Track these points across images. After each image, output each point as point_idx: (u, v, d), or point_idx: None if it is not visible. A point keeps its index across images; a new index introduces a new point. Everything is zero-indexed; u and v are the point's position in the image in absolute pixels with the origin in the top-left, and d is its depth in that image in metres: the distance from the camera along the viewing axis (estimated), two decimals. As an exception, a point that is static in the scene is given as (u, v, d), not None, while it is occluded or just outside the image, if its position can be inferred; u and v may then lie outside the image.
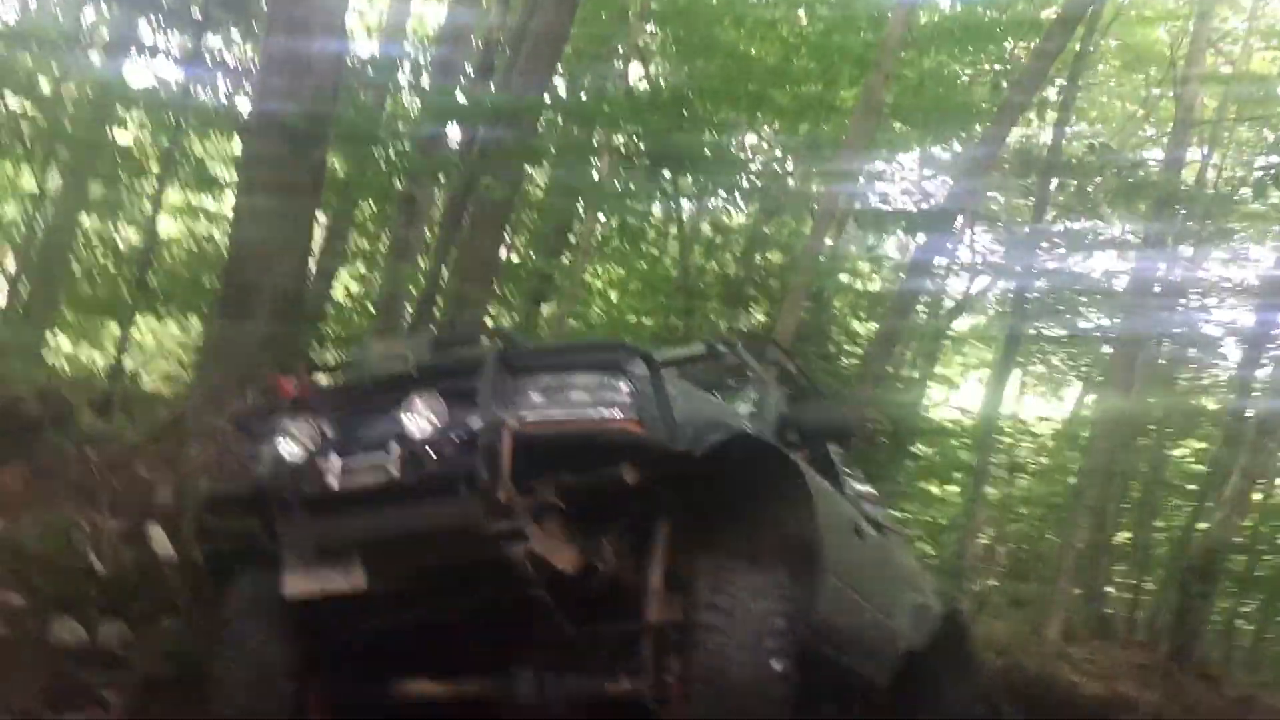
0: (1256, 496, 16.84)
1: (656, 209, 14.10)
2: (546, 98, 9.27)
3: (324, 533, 3.95)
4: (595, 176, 11.98)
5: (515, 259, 13.50)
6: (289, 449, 3.98)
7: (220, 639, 4.52)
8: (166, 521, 5.35)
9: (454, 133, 9.81)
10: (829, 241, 13.29)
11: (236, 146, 10.22)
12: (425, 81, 11.69)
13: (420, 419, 3.76)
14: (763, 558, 4.37)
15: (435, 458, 3.72)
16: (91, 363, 11.95)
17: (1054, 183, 15.87)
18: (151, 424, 6.36)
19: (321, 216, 8.80)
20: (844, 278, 14.63)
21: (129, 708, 4.72)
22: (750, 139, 15.16)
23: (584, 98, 12.03)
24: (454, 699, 4.61)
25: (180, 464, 5.68)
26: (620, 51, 13.33)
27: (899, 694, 5.90)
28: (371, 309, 10.78)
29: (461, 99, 9.64)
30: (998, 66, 15.52)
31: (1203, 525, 15.29)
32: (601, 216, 12.99)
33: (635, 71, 14.02)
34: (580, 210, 12.04)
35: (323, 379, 4.57)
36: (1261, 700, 15.31)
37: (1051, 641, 13.54)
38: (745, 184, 14.16)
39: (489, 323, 8.77)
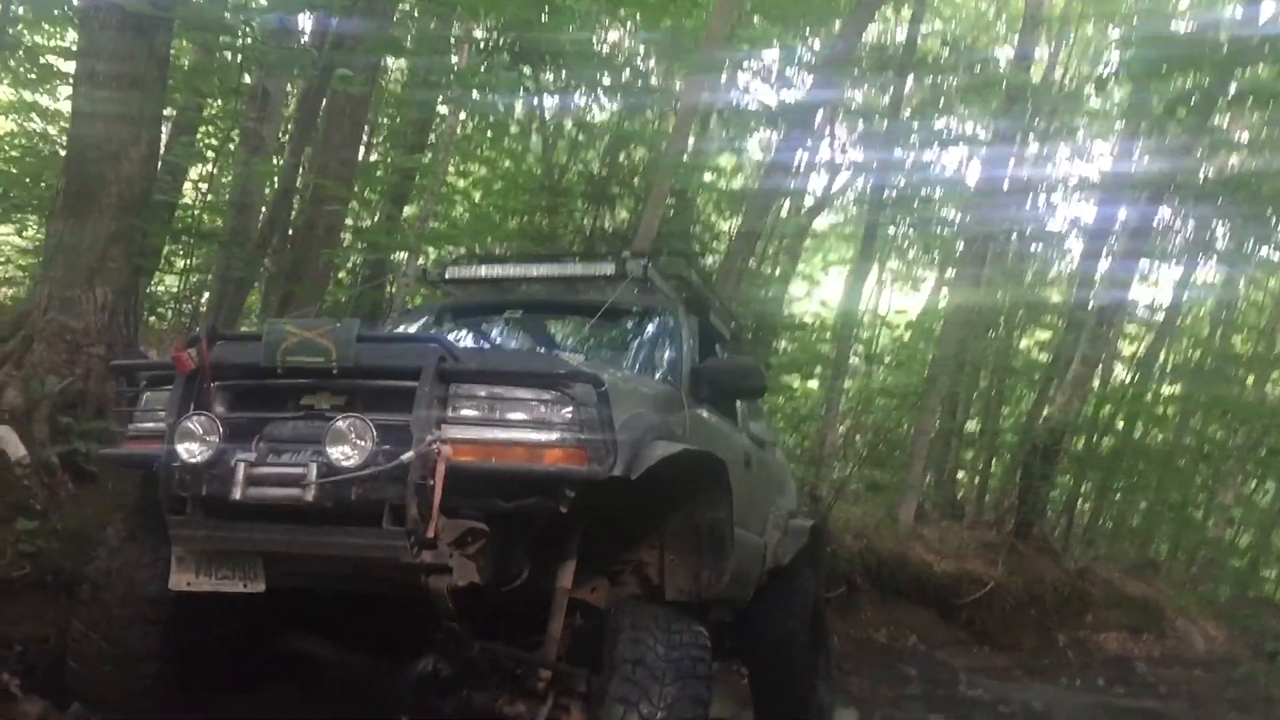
0: (1095, 385, 17.85)
1: (519, 106, 13.94)
2: (403, -14, 9.00)
3: (224, 539, 3.72)
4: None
5: (374, 158, 13.19)
6: (188, 448, 3.63)
7: (90, 547, 4.43)
8: (15, 423, 5.18)
9: (307, 23, 9.50)
10: (692, 140, 13.34)
11: (73, 37, 9.64)
12: (274, -33, 11.18)
13: (345, 445, 3.48)
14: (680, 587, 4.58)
15: (359, 486, 3.48)
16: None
17: (909, 80, 16.15)
18: (-5, 323, 6.11)
19: (169, 112, 8.41)
20: (707, 176, 14.73)
21: (-12, 609, 4.61)
22: (612, 35, 15.02)
23: (442, -14, 11.68)
24: (340, 664, 4.70)
25: (28, 364, 5.48)
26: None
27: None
28: (223, 208, 10.42)
29: (314, -15, 9.25)
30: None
31: (1046, 412, 16.08)
32: (463, 114, 12.73)
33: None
34: (440, 107, 11.76)
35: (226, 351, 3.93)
36: (1095, 571, 16.44)
37: (905, 524, 14.18)
38: (607, 81, 14.06)
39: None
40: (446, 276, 6.01)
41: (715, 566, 4.62)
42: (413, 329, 5.77)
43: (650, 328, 5.54)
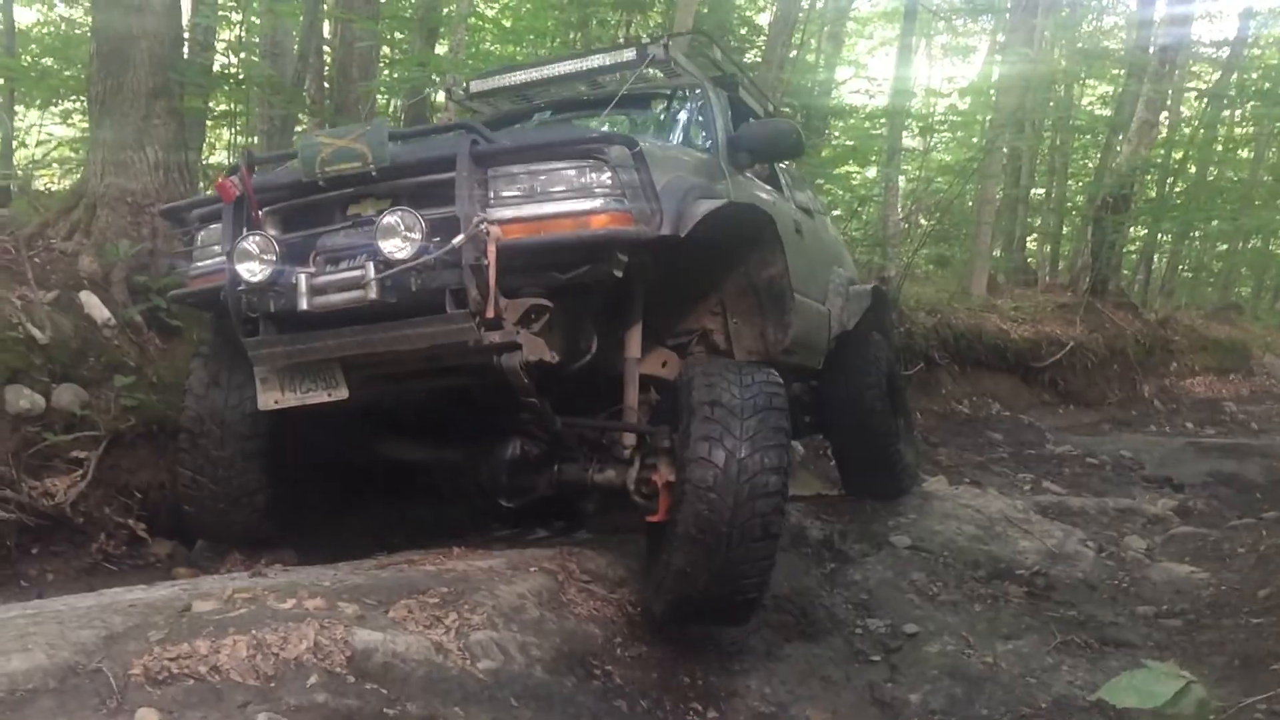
0: (1163, 131, 17.29)
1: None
2: None
3: (300, 350, 3.79)
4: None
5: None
6: (248, 268, 3.70)
7: (186, 390, 4.57)
8: (95, 288, 5.33)
9: None
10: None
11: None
12: None
13: (396, 238, 3.51)
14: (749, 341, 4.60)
15: (417, 277, 3.53)
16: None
17: None
18: (54, 202, 6.22)
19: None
20: (738, -35, 14.22)
21: (102, 463, 4.85)
22: None
23: None
24: (435, 463, 4.86)
25: (96, 231, 5.60)
26: None
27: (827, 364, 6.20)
28: (256, 57, 10.31)
29: None
30: None
31: (1113, 164, 15.66)
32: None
33: None
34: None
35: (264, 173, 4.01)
36: (1177, 319, 16.29)
37: (978, 296, 14.09)
38: None
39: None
40: (473, 91, 5.91)
41: (778, 323, 4.63)
42: None
43: (681, 107, 5.51)
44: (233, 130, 10.89)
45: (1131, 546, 6.55)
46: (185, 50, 6.43)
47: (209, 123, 9.13)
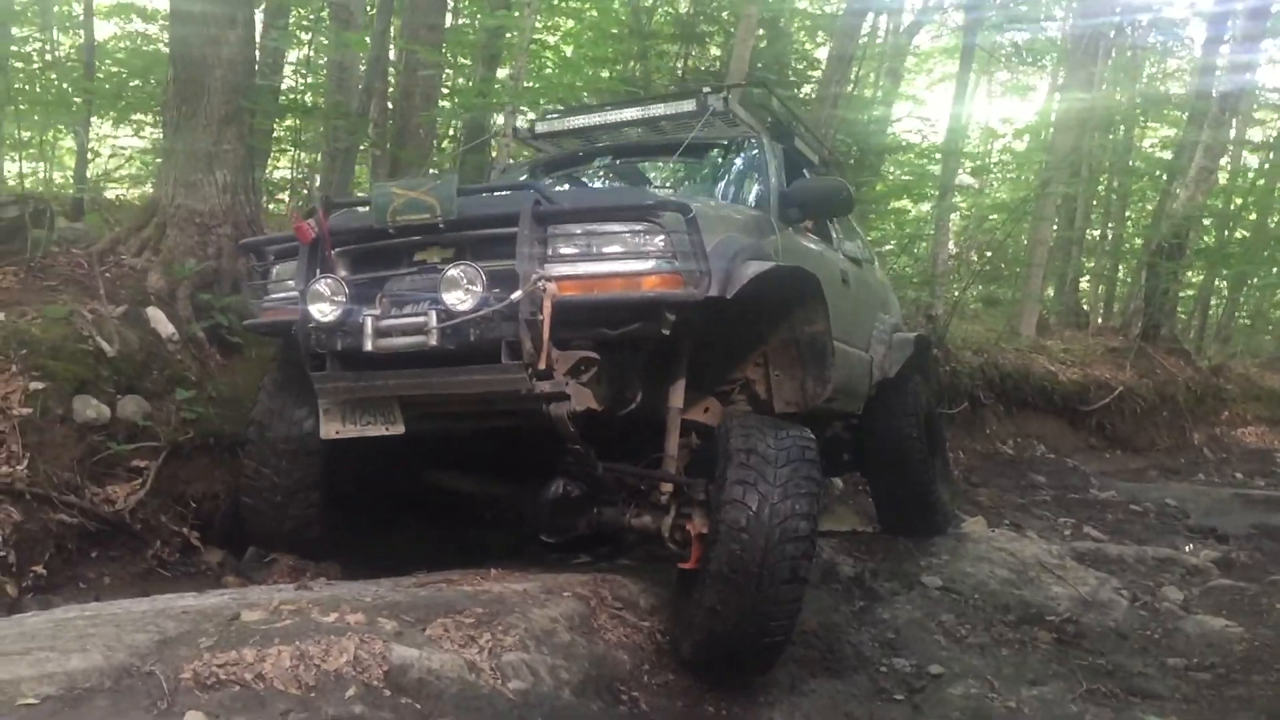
0: (1222, 179, 17.13)
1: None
2: None
3: (363, 388, 4.06)
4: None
5: (462, 21, 13.21)
6: (319, 309, 3.98)
7: (243, 409, 4.93)
8: (161, 304, 5.56)
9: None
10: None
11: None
12: None
13: (459, 291, 3.75)
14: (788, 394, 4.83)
15: (476, 327, 3.76)
16: (45, 177, 11.83)
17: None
18: (125, 219, 6.48)
19: (258, -3, 8.58)
20: (798, 2, 14.36)
21: (161, 473, 5.06)
22: None
23: None
24: (480, 495, 5.20)
25: (164, 249, 5.85)
26: None
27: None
28: (322, 88, 10.65)
29: None
30: None
31: (1170, 209, 15.55)
32: (544, -34, 12.56)
33: None
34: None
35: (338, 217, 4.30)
36: (1230, 368, 16.11)
37: (1027, 336, 14.05)
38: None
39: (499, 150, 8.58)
40: (538, 131, 6.18)
41: (819, 377, 4.82)
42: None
43: (737, 159, 5.71)
44: (297, 150, 11.20)
45: (1168, 597, 6.53)
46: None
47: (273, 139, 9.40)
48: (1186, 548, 8.09)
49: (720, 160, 5.77)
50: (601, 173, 6.15)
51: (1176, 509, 9.70)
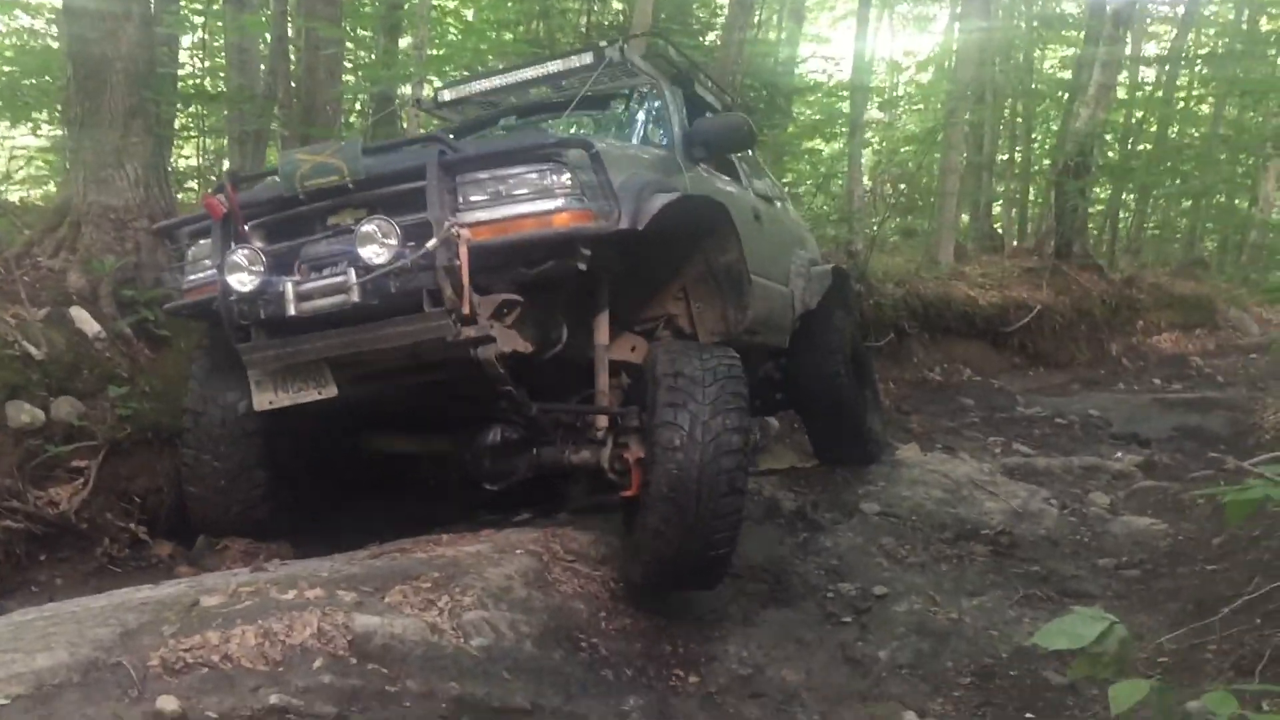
0: (1122, 95, 17.52)
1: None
2: None
3: (289, 353, 4.06)
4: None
5: (359, -7, 13.01)
6: (238, 279, 3.99)
7: (188, 394, 4.88)
8: (84, 303, 5.51)
9: None
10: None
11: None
12: None
13: (375, 244, 3.78)
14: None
15: (395, 280, 3.81)
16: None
17: None
18: (36, 221, 6.38)
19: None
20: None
21: (102, 471, 5.05)
22: None
23: None
24: (424, 453, 5.26)
25: (81, 247, 5.77)
26: None
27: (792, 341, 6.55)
28: (222, 72, 10.46)
29: None
30: None
31: (1075, 129, 15.87)
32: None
33: None
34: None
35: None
36: (1143, 278, 16.55)
37: (946, 264, 14.31)
38: None
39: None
40: (442, 100, 6.21)
41: (738, 305, 4.95)
42: None
43: (639, 107, 5.77)
44: (201, 136, 11.01)
45: (1095, 502, 6.83)
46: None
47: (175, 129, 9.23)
48: (1112, 455, 8.39)
49: (623, 110, 5.82)
50: (508, 134, 6.12)
51: (1100, 419, 10.02)
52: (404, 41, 12.51)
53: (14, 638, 3.41)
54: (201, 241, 4.45)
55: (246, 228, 4.12)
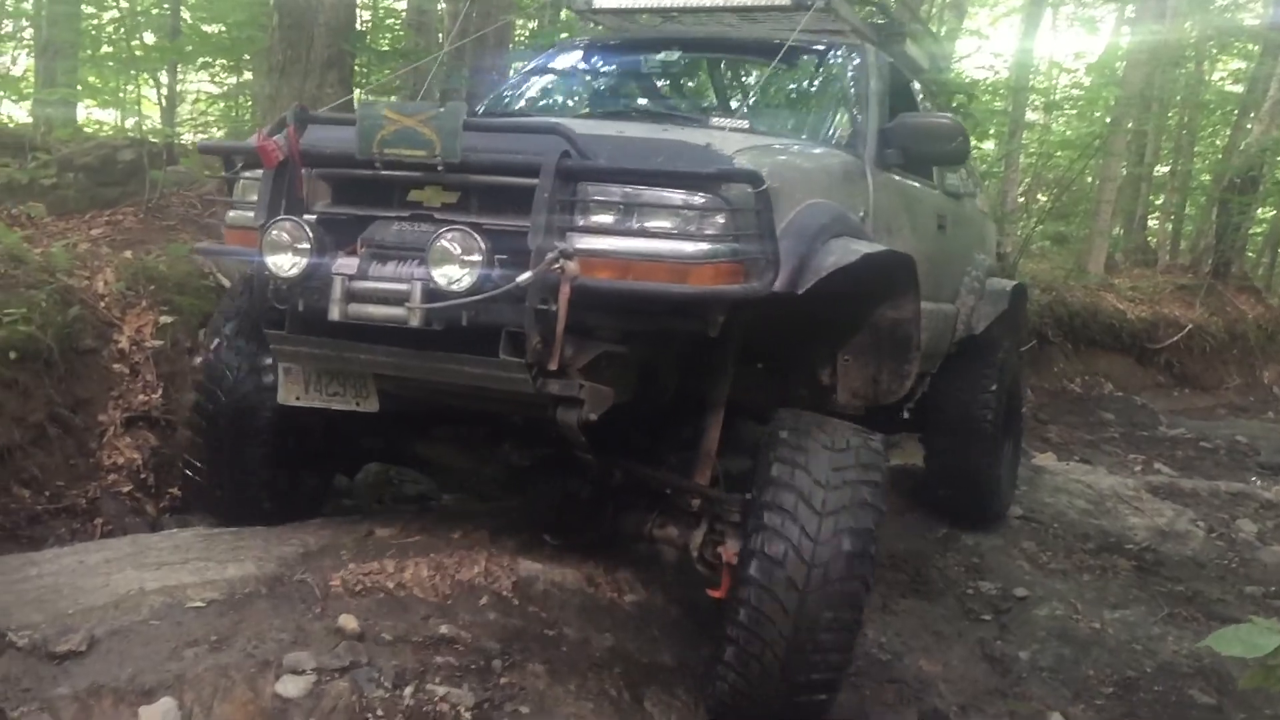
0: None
1: None
2: None
3: (331, 358, 3.30)
4: None
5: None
6: (278, 261, 3.02)
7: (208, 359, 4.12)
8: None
9: None
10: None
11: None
12: None
13: (451, 265, 2.85)
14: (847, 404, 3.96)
15: (470, 311, 2.89)
16: (125, 125, 12.12)
17: None
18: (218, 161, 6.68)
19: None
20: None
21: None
22: None
23: None
24: (477, 474, 4.44)
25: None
26: None
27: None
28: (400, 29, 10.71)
29: None
30: None
31: (1243, 145, 15.31)
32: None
33: None
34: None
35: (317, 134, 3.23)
36: (1303, 304, 15.90)
37: (1095, 274, 13.96)
38: None
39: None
40: (596, 5, 5.16)
41: (896, 371, 4.02)
42: (558, 65, 5.30)
43: (832, 72, 4.79)
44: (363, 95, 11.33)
45: (1243, 529, 6.63)
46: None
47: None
48: (1258, 483, 8.14)
49: (813, 72, 4.81)
50: (662, 71, 5.25)
51: (1247, 445, 9.74)
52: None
53: (205, 548, 3.67)
54: (248, 175, 3.45)
55: (306, 180, 3.20)
